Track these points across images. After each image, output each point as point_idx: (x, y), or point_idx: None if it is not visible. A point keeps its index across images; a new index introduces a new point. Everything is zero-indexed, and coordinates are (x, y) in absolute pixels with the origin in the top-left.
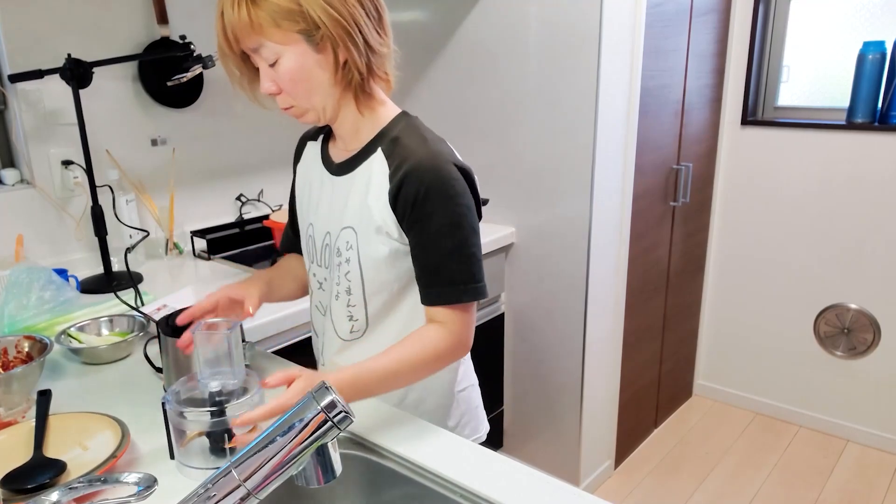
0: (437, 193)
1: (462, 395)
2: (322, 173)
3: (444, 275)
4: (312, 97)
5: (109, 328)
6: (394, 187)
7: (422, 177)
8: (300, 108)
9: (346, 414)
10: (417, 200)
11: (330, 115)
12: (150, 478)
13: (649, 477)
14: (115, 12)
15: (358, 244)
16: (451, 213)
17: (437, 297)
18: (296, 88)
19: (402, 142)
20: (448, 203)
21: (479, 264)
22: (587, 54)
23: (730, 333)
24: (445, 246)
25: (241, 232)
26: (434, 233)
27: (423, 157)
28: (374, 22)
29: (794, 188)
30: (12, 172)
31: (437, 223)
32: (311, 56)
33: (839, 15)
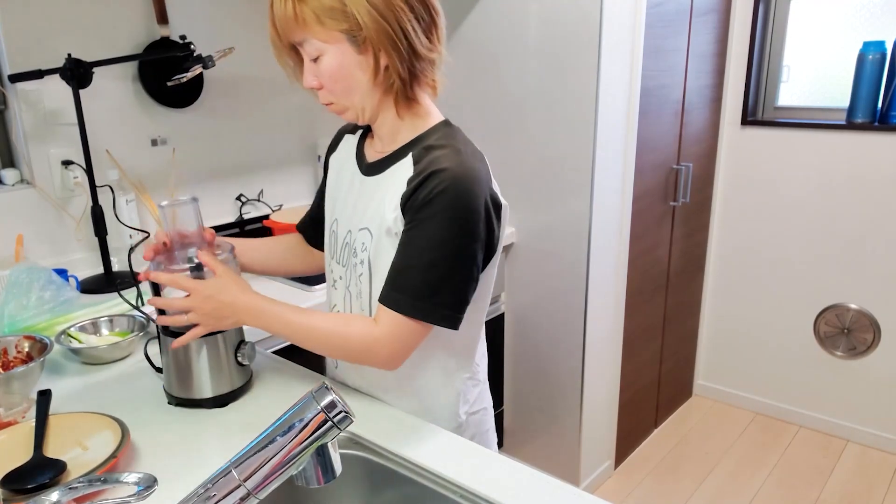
0: (445, 204)
1: (474, 419)
2: (354, 170)
3: (401, 281)
4: (352, 97)
5: (109, 328)
6: (409, 190)
7: (440, 182)
8: (340, 106)
9: (346, 414)
10: (425, 202)
11: (369, 115)
12: (150, 478)
13: (649, 477)
14: (115, 12)
15: (370, 247)
16: (447, 228)
17: (386, 298)
18: (336, 86)
19: (434, 150)
20: (450, 218)
21: (452, 291)
22: (587, 54)
23: (730, 333)
24: (424, 256)
25: (241, 232)
26: (421, 239)
27: (451, 166)
28: (424, 26)
29: (794, 188)
30: (12, 172)
31: (428, 230)
32: (352, 56)
33: (839, 15)
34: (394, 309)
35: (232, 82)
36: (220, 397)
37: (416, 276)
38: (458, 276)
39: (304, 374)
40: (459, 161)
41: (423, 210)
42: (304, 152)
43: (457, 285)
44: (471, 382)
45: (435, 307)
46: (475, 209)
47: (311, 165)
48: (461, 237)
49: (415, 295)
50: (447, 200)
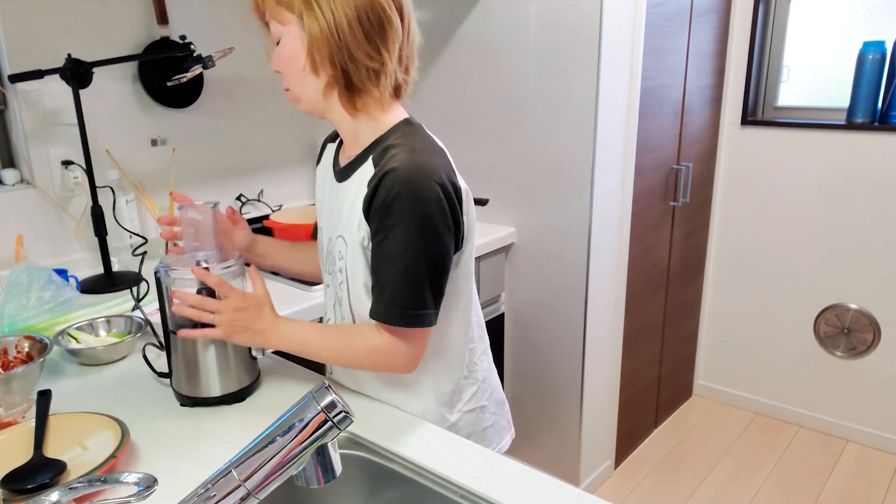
0: (403, 207)
1: (469, 417)
2: (331, 177)
3: (388, 293)
4: (302, 86)
5: (107, 329)
6: (369, 194)
7: (393, 186)
8: (294, 94)
9: (346, 414)
10: (384, 209)
11: (321, 109)
12: (150, 478)
13: (649, 477)
14: (115, 12)
15: (346, 254)
16: (412, 231)
17: (377, 313)
18: (288, 71)
19: (391, 150)
20: (411, 220)
21: (430, 291)
22: (587, 54)
23: (730, 333)
24: (397, 264)
25: None
26: (390, 247)
27: (401, 165)
28: (368, 30)
29: (794, 188)
30: (12, 172)
31: (395, 238)
32: (302, 43)
33: (839, 15)
34: (387, 322)
35: (232, 82)
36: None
37: (397, 285)
38: (433, 274)
39: (305, 374)
40: (411, 159)
41: (385, 218)
42: (304, 152)
43: (434, 283)
44: (466, 381)
45: (417, 312)
46: (433, 205)
47: (311, 165)
48: (427, 236)
49: (401, 304)
50: (404, 204)
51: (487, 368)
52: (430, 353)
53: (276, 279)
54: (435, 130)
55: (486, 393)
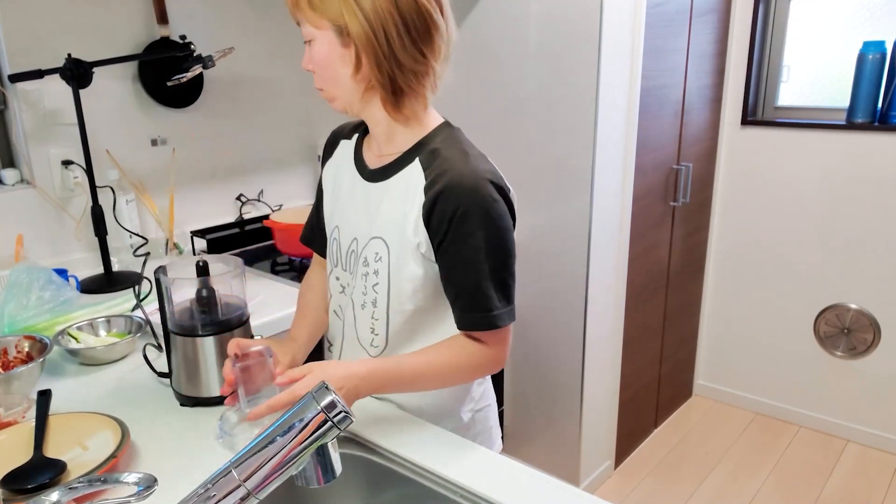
0: (477, 215)
1: (479, 416)
2: (354, 176)
3: (480, 300)
4: (337, 87)
5: (107, 329)
6: (429, 202)
7: (461, 195)
8: (328, 93)
9: (346, 414)
10: (455, 220)
11: (357, 109)
12: (150, 478)
13: (649, 477)
14: (115, 12)
15: (390, 258)
16: (491, 235)
17: (473, 323)
18: (323, 73)
19: (441, 154)
20: (487, 225)
21: (513, 288)
22: (587, 54)
23: (730, 333)
24: (483, 270)
25: (241, 232)
26: (472, 256)
27: (463, 173)
28: (415, 36)
29: (794, 188)
30: (12, 172)
31: (475, 245)
32: (336, 47)
33: (839, 15)
34: (488, 327)
35: (232, 82)
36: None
37: (484, 292)
38: (512, 272)
39: None
40: (468, 168)
41: (459, 228)
42: (304, 152)
43: (512, 283)
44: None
45: (509, 308)
46: (501, 211)
47: (311, 165)
48: (503, 238)
49: (491, 308)
50: (478, 213)
51: None
52: None
53: (276, 280)
54: None
55: (490, 392)
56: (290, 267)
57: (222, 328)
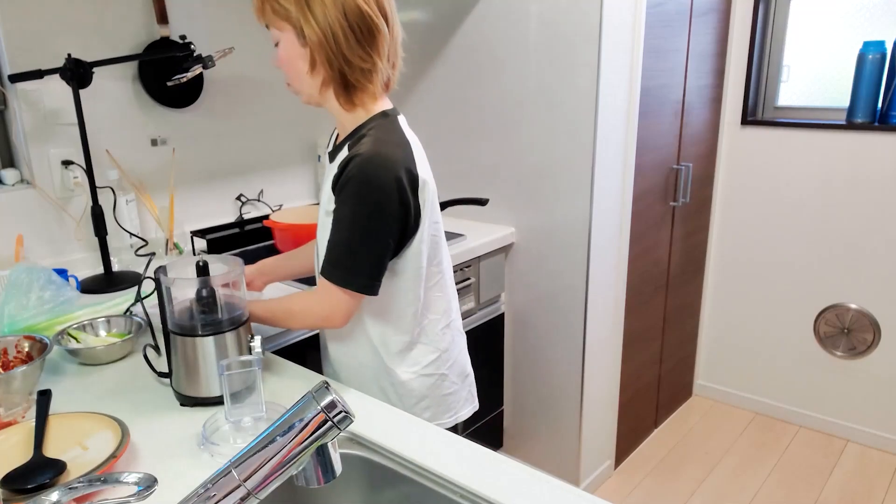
0: (353, 186)
1: (426, 380)
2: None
3: (331, 254)
4: (300, 84)
5: (107, 329)
6: (337, 174)
7: (351, 169)
8: (294, 88)
9: (346, 414)
10: (342, 186)
11: (317, 101)
12: (150, 478)
13: (649, 477)
14: (115, 12)
15: (320, 223)
16: (358, 209)
17: (321, 270)
18: (288, 70)
19: (363, 139)
20: (359, 199)
21: (366, 262)
22: (587, 54)
23: (730, 333)
24: (343, 233)
25: (241, 232)
26: (339, 219)
27: (362, 152)
28: (360, 38)
29: (794, 188)
30: (12, 172)
31: (344, 212)
32: (297, 48)
33: (839, 15)
34: (323, 276)
35: (232, 82)
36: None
37: (339, 250)
38: (372, 249)
39: (305, 374)
40: (373, 149)
41: (342, 193)
42: (304, 152)
43: (372, 257)
44: (424, 348)
45: (354, 276)
46: (383, 189)
47: (311, 165)
48: (371, 215)
49: (338, 266)
50: (357, 184)
51: (450, 342)
52: (371, 314)
53: None
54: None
55: (448, 363)
56: None
57: (222, 328)
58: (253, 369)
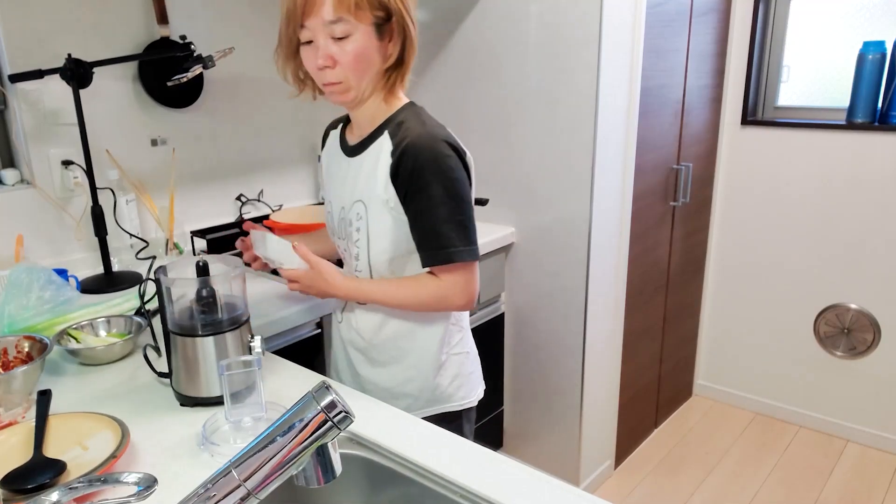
0: (431, 167)
1: (456, 359)
2: (339, 155)
3: (439, 240)
4: (363, 78)
5: (107, 329)
6: (394, 162)
7: (417, 153)
8: (347, 85)
9: (346, 414)
10: (414, 173)
11: (365, 97)
12: (150, 478)
13: (649, 477)
14: (115, 12)
15: (367, 215)
16: (445, 184)
17: (433, 259)
18: (356, 66)
19: (404, 124)
20: (441, 176)
21: (472, 230)
22: (587, 54)
23: (730, 333)
24: (441, 214)
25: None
26: (430, 202)
27: (420, 135)
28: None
29: (794, 188)
30: (12, 172)
31: (432, 193)
32: (374, 41)
33: (839, 15)
34: (445, 262)
35: (232, 82)
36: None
37: (443, 232)
38: (468, 215)
39: (305, 374)
40: (424, 131)
41: (417, 181)
42: (304, 152)
43: (471, 223)
44: (454, 328)
45: (468, 247)
46: (453, 164)
47: (311, 165)
48: (456, 187)
49: (449, 246)
50: (431, 165)
51: (467, 319)
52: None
53: (276, 280)
54: None
55: (469, 342)
56: None
57: (222, 328)
58: (253, 369)
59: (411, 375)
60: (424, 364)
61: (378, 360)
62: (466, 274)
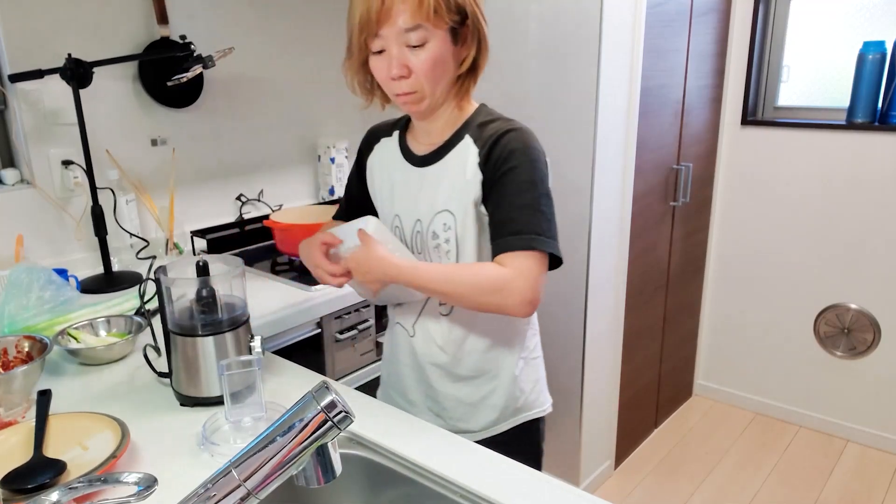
0: (521, 154)
1: (534, 363)
2: (405, 167)
3: (514, 226)
4: (438, 86)
5: (107, 329)
6: (485, 152)
7: (508, 141)
8: (421, 94)
9: (346, 414)
10: (502, 158)
11: (438, 105)
12: (150, 478)
13: (649, 477)
14: (115, 12)
15: (456, 225)
16: (531, 173)
17: (505, 244)
18: (433, 74)
19: (489, 125)
20: (529, 164)
21: (552, 224)
22: (587, 54)
23: (730, 333)
24: (521, 201)
25: (241, 232)
26: (513, 188)
27: (509, 127)
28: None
29: (794, 188)
30: (12, 172)
31: (517, 179)
32: (449, 47)
33: (839, 15)
34: (517, 248)
35: (232, 82)
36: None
37: (520, 219)
38: (552, 211)
39: (305, 374)
40: (514, 124)
41: (504, 165)
42: (304, 152)
43: (550, 217)
44: (530, 332)
45: (545, 238)
46: (541, 157)
47: (311, 165)
48: (543, 178)
49: (525, 233)
50: (524, 150)
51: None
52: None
53: (276, 280)
54: None
55: (540, 346)
56: (290, 267)
57: (222, 328)
58: (253, 369)
59: (495, 386)
60: (507, 373)
61: (461, 375)
62: (536, 270)
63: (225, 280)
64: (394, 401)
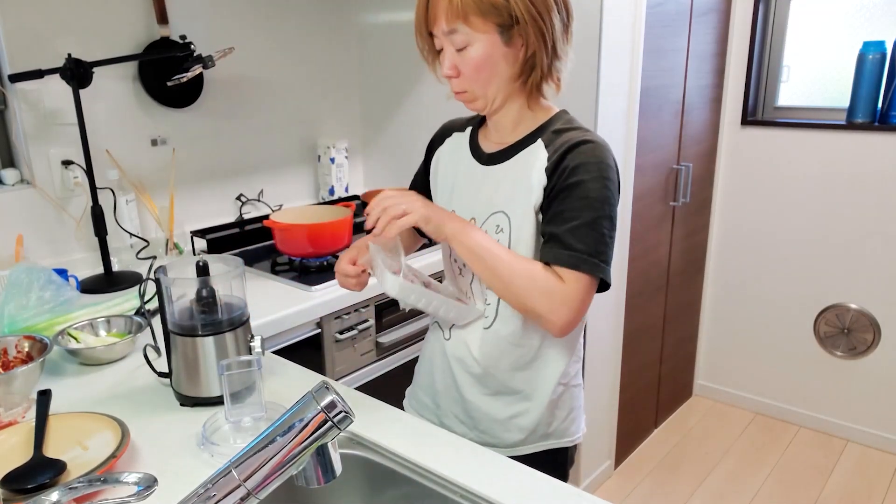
0: (593, 168)
1: (573, 391)
2: (471, 163)
3: (569, 240)
4: (489, 87)
5: (107, 329)
6: (555, 159)
7: (582, 151)
8: (472, 95)
9: (346, 414)
10: (571, 168)
11: (497, 105)
12: (150, 478)
13: (649, 477)
14: (115, 12)
15: (510, 229)
16: (600, 190)
17: (555, 257)
18: (477, 76)
19: (564, 133)
20: (599, 181)
21: (609, 248)
22: (587, 54)
23: (730, 333)
24: (583, 216)
25: (241, 232)
26: (577, 203)
27: (585, 138)
28: (564, 27)
29: (794, 188)
30: (12, 172)
31: (582, 194)
32: (499, 48)
33: (839, 15)
34: (571, 266)
35: (232, 82)
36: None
37: (577, 235)
38: (612, 234)
39: (305, 374)
40: (593, 136)
41: (574, 174)
42: (304, 152)
43: (612, 244)
44: (574, 358)
45: (597, 260)
46: (614, 177)
47: (311, 165)
48: (611, 199)
49: (579, 251)
50: (596, 165)
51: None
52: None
53: (276, 280)
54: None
55: (581, 373)
56: (290, 267)
57: (222, 328)
58: (253, 369)
59: (528, 408)
60: (542, 396)
61: (492, 389)
62: (583, 291)
63: (225, 280)
64: (420, 401)
